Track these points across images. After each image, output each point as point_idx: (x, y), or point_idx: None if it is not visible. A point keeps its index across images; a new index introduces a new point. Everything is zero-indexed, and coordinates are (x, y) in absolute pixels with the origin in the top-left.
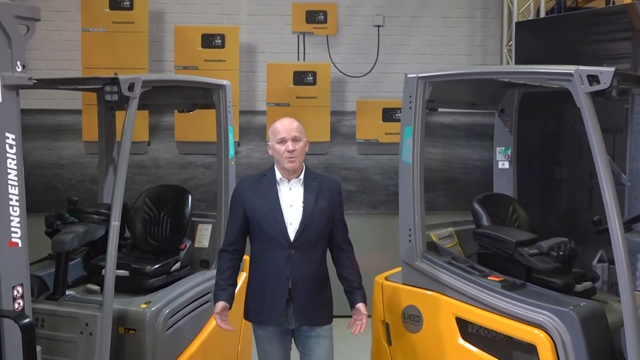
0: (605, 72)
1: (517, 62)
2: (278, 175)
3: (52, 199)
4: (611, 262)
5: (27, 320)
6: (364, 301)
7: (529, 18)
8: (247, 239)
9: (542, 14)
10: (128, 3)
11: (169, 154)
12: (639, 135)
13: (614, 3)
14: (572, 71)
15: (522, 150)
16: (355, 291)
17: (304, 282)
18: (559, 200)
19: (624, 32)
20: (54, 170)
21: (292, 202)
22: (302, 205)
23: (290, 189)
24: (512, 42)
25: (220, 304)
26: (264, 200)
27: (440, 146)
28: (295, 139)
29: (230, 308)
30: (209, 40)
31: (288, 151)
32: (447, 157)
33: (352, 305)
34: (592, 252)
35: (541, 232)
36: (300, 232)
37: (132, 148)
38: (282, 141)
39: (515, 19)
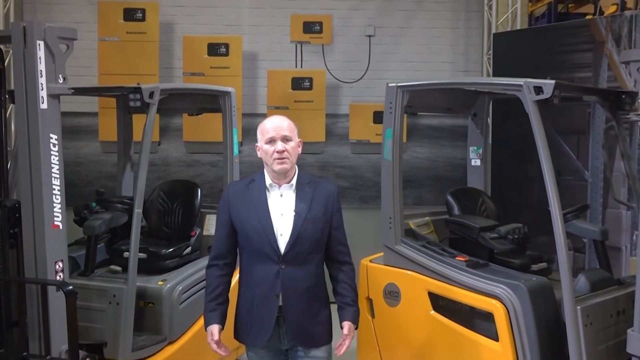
0: (548, 84)
1: (494, 70)
2: (268, 180)
3: (71, 194)
4: (576, 250)
5: (69, 287)
6: (352, 320)
7: (508, 29)
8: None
9: (519, 26)
10: (140, 15)
11: (177, 153)
12: (599, 136)
13: (601, 11)
14: (522, 83)
15: (501, 150)
16: (346, 307)
17: (297, 299)
18: (532, 194)
19: (587, 44)
20: (72, 168)
21: (282, 210)
22: (293, 214)
23: (281, 195)
24: (491, 51)
25: (213, 330)
26: (252, 209)
27: (426, 146)
28: (285, 139)
29: (223, 328)
30: (215, 49)
31: (277, 152)
32: (433, 157)
33: (341, 323)
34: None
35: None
36: (291, 244)
37: None
38: (271, 141)
39: (493, 30)
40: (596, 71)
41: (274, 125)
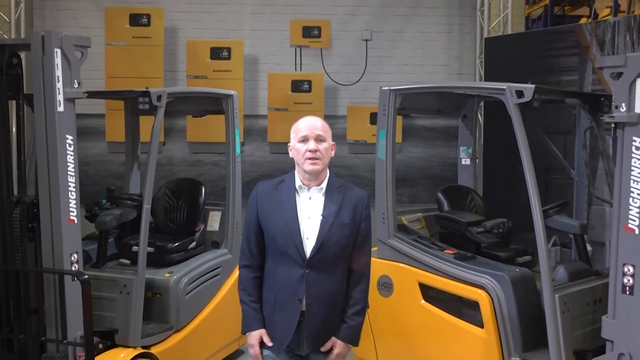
0: (528, 88)
1: (486, 73)
2: (297, 181)
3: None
4: (563, 245)
5: (85, 277)
6: (345, 339)
7: (500, 33)
8: None
9: (510, 30)
10: (146, 20)
11: (181, 153)
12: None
13: (596, 14)
14: (505, 87)
15: (491, 149)
16: (341, 324)
17: (320, 305)
18: (521, 191)
19: (573, 49)
20: (80, 167)
21: (310, 213)
22: (321, 217)
23: (310, 198)
24: (483, 55)
25: (255, 335)
26: (279, 210)
27: (421, 146)
28: (319, 139)
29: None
30: (217, 53)
31: (310, 151)
32: (428, 156)
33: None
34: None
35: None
36: (317, 249)
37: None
38: (304, 140)
39: (486, 34)
40: (581, 74)
41: (308, 124)
